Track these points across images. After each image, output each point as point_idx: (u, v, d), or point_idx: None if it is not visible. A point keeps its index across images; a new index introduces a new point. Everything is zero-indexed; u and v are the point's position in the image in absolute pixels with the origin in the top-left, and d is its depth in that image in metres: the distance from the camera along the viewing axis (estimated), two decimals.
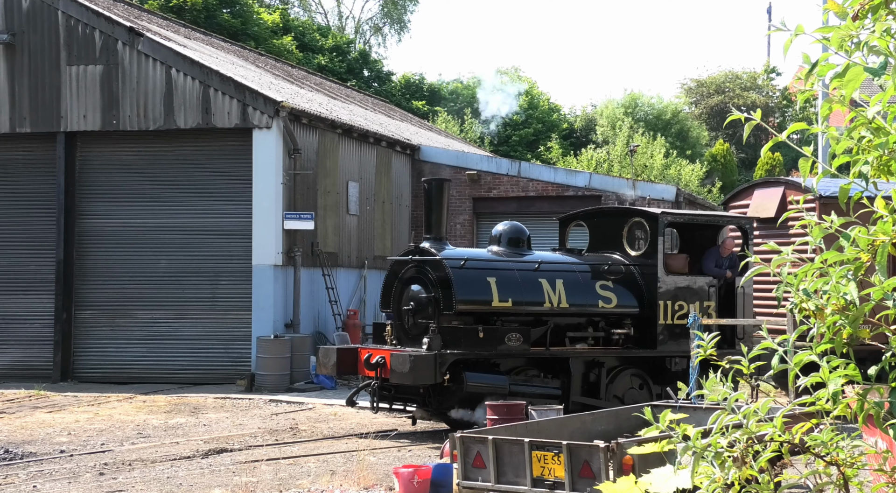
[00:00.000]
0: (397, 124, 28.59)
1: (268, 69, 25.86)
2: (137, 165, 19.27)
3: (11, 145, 19.63)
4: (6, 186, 19.62)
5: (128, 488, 9.66)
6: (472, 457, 7.83)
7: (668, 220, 13.81)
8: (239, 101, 18.39)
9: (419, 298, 12.57)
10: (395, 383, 12.10)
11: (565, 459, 7.33)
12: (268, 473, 9.82)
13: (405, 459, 10.82)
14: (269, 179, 18.25)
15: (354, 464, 9.61)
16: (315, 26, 47.14)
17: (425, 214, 13.17)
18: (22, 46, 19.20)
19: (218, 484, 9.62)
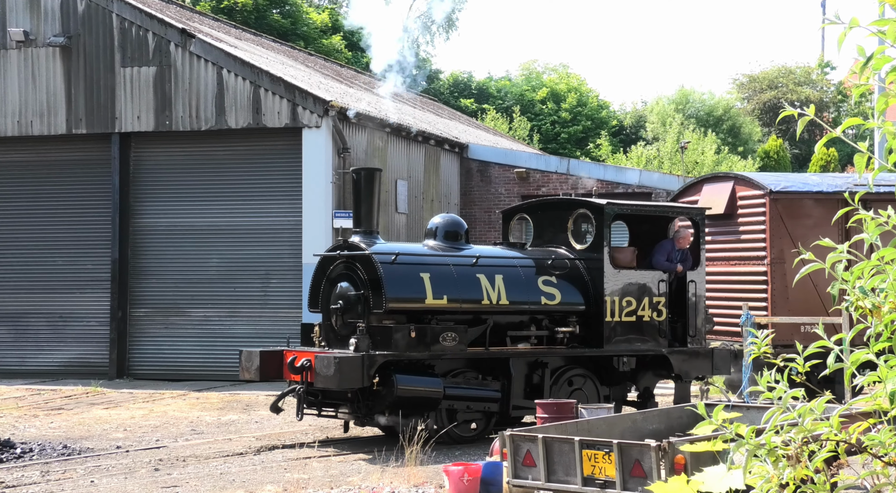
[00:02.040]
0: (445, 123, 28.62)
1: (317, 69, 26.04)
2: (190, 165, 19.51)
3: (68, 146, 19.99)
4: (63, 186, 19.98)
5: (182, 483, 9.79)
6: (521, 455, 7.81)
7: (614, 211, 13.04)
8: (289, 100, 18.54)
9: (348, 296, 11.80)
10: (319, 387, 11.42)
11: (616, 458, 7.29)
12: (318, 470, 9.89)
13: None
14: (319, 178, 18.37)
15: (405, 461, 9.64)
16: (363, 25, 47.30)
17: (354, 206, 12.34)
18: (77, 49, 19.53)
19: (270, 481, 9.71)
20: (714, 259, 14.77)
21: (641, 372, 13.14)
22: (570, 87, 48.89)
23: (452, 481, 8.79)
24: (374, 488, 9.06)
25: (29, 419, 14.21)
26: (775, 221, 14.15)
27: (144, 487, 9.62)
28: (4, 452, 11.17)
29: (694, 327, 13.28)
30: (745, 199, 14.61)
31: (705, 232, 13.68)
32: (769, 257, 14.10)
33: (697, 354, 13.24)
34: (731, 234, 14.79)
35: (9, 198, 20.16)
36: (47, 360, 19.70)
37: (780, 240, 14.13)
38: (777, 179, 14.95)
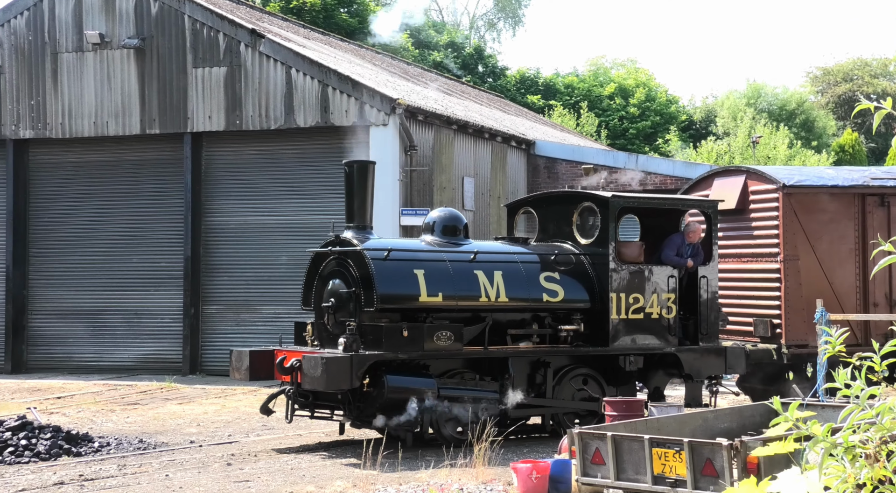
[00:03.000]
0: (512, 119, 28.54)
1: (384, 67, 26.17)
2: (259, 164, 19.76)
3: (142, 147, 20.40)
4: (138, 186, 20.39)
5: (253, 478, 9.93)
6: (590, 453, 7.76)
7: (621, 204, 12.49)
8: (356, 99, 18.67)
9: (339, 293, 11.37)
10: (307, 388, 11.01)
11: (687, 456, 7.20)
12: (387, 466, 9.94)
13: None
14: (386, 176, 18.46)
15: (473, 458, 9.64)
16: (430, 23, 47.46)
17: (346, 201, 11.78)
18: (151, 51, 19.91)
19: (340, 476, 9.79)
20: (725, 256, 14.22)
21: (651, 372, 12.67)
22: (638, 82, 48.41)
23: (521, 478, 8.77)
24: (443, 485, 9.07)
25: (106, 414, 14.54)
26: (789, 216, 13.53)
27: (217, 481, 9.77)
28: (83, 446, 11.45)
29: (706, 325, 12.75)
30: (758, 193, 13.99)
31: (717, 226, 13.17)
32: (782, 254, 13.54)
33: (709, 352, 12.74)
34: (742, 230, 14.19)
35: (86, 198, 20.64)
36: (123, 356, 20.14)
37: (793, 236, 13.57)
38: (791, 172, 14.32)
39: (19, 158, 20.79)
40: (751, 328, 13.82)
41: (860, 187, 13.89)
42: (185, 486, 9.59)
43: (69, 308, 20.52)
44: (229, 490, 9.34)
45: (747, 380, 14.64)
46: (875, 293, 13.88)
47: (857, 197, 13.92)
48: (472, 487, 9.02)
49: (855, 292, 13.76)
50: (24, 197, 20.80)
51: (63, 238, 20.65)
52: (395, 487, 9.09)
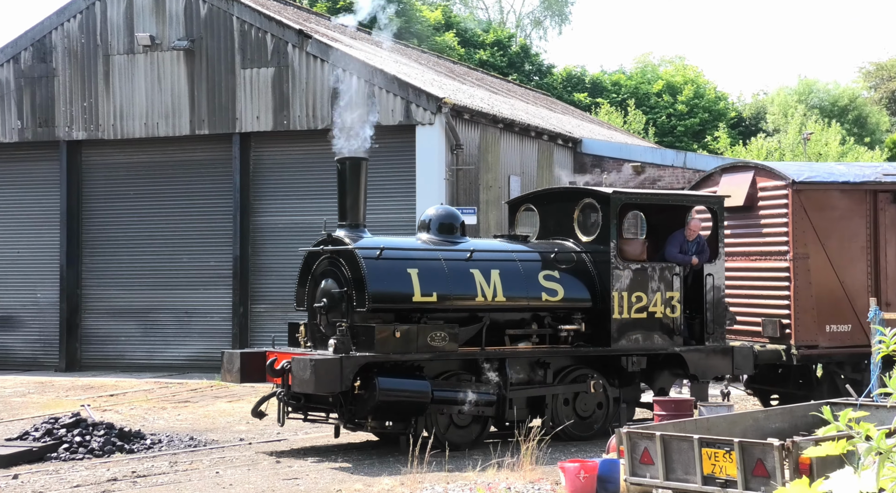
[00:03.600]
0: (559, 117, 28.44)
1: (430, 66, 26.21)
2: (306, 164, 19.90)
3: (191, 147, 20.64)
4: (187, 186, 20.63)
5: (302, 476, 10.00)
6: (639, 453, 7.71)
7: (622, 200, 12.15)
8: (402, 98, 18.71)
9: (332, 293, 11.10)
10: (296, 391, 10.74)
11: (737, 457, 7.13)
12: (434, 465, 9.95)
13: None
14: (432, 175, 18.49)
15: (520, 458, 9.62)
16: (476, 22, 47.44)
17: (339, 198, 11.50)
18: (200, 52, 20.14)
19: (387, 473, 9.83)
20: (732, 254, 13.89)
21: (657, 372, 12.36)
22: (686, 79, 47.99)
23: (569, 478, 8.73)
24: (490, 483, 9.07)
25: (157, 412, 14.74)
26: (798, 213, 13.15)
27: (267, 479, 9.85)
28: (135, 443, 11.62)
29: (712, 324, 12.40)
30: (767, 190, 13.56)
31: (724, 222, 12.86)
32: (792, 253, 13.16)
33: (716, 352, 12.39)
34: (750, 227, 13.79)
35: (137, 198, 20.93)
36: (174, 354, 20.40)
37: (803, 234, 13.18)
38: (800, 168, 13.92)
39: (72, 159, 21.14)
40: (759, 328, 13.47)
41: (872, 184, 13.52)
42: (236, 483, 9.68)
43: (121, 307, 20.82)
44: (278, 488, 9.42)
45: (756, 381, 14.20)
46: (888, 292, 13.50)
47: (869, 193, 13.51)
48: (520, 486, 9.00)
49: (866, 290, 13.36)
50: (78, 198, 21.15)
51: (115, 238, 20.96)
52: (442, 485, 9.10)
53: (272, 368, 11.02)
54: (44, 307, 21.25)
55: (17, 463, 10.72)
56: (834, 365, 13.58)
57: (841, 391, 13.39)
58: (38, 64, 21.22)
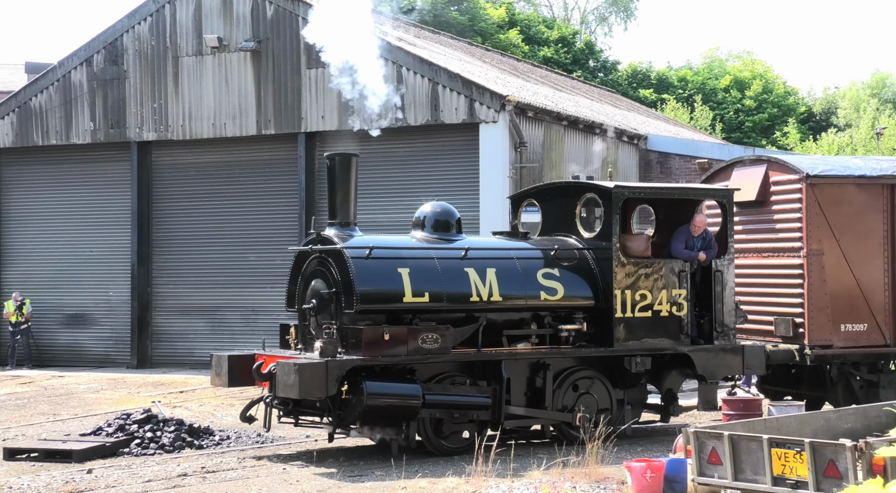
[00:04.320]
0: (624, 114, 28.20)
1: (494, 64, 26.18)
2: (371, 163, 19.98)
3: (258, 147, 20.90)
4: (254, 185, 20.90)
5: (367, 473, 10.07)
6: (706, 453, 7.61)
7: (625, 194, 11.71)
8: (466, 96, 18.72)
9: (321, 294, 10.79)
10: (281, 396, 10.41)
11: (808, 457, 7.00)
12: (499, 463, 9.93)
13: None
14: (496, 173, 18.46)
15: (586, 457, 9.56)
16: (540, 19, 47.27)
17: (329, 196, 11.14)
18: (266, 53, 20.38)
19: (453, 472, 9.84)
20: (744, 251, 13.41)
21: (664, 373, 11.92)
22: (754, 74, 47.25)
23: (635, 477, 8.65)
24: (555, 482, 9.02)
25: (226, 408, 14.95)
26: (813, 208, 12.66)
27: (332, 475, 9.93)
28: (204, 439, 11.80)
29: (720, 322, 11.94)
30: (780, 184, 13.10)
31: (733, 219, 12.43)
32: (805, 249, 12.67)
33: (725, 352, 11.94)
34: (763, 223, 13.30)
35: (204, 197, 21.26)
36: (242, 351, 20.64)
37: (817, 230, 12.69)
38: (815, 162, 13.45)
39: (143, 159, 21.55)
40: (771, 328, 12.97)
41: (889, 178, 13.02)
42: (302, 479, 9.78)
43: (190, 305, 21.17)
44: (344, 485, 9.49)
45: (768, 382, 13.70)
46: None
47: (886, 188, 12.99)
48: (585, 485, 8.94)
49: (883, 288, 12.87)
50: (148, 197, 21.55)
51: (183, 237, 21.32)
52: (507, 484, 9.08)
53: (259, 371, 10.72)
54: (116, 305, 21.70)
55: (91, 458, 10.96)
56: (849, 366, 13.06)
57: (856, 394, 12.88)
58: (110, 66, 21.67)
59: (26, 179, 22.69)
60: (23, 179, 22.73)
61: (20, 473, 10.33)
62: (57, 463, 10.67)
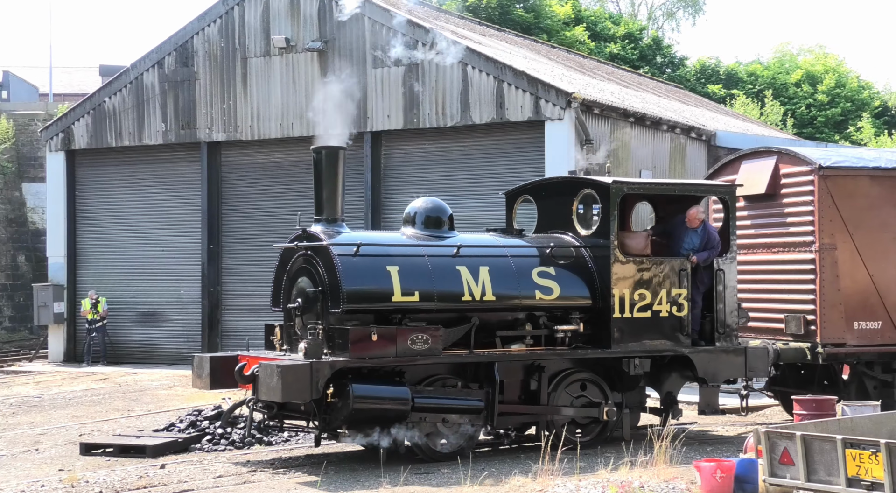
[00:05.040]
0: (692, 110, 27.85)
1: (559, 61, 26.06)
2: (436, 161, 20.06)
3: None
4: None
5: (434, 471, 10.10)
6: (778, 453, 7.49)
7: (623, 190, 11.30)
8: (531, 94, 18.66)
9: (307, 293, 10.41)
10: (263, 399, 10.08)
11: (884, 458, 6.83)
12: (565, 462, 9.88)
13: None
14: (562, 171, 18.35)
15: (654, 456, 9.47)
16: (607, 15, 46.92)
17: (315, 191, 10.75)
18: (333, 53, 20.55)
19: (520, 471, 9.82)
20: (753, 246, 12.97)
21: (663, 375, 11.53)
22: (827, 68, 46.30)
23: (704, 477, 8.54)
24: (623, 482, 8.95)
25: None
26: (825, 201, 12.20)
27: (401, 473, 9.97)
28: (273, 435, 11.94)
29: (722, 323, 11.54)
30: (790, 176, 12.63)
31: (736, 215, 11.94)
32: (817, 243, 12.22)
33: (726, 353, 11.53)
34: (772, 217, 12.81)
35: (272, 197, 21.51)
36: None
37: (829, 223, 12.22)
38: (827, 153, 12.95)
39: (212, 159, 21.90)
40: (782, 325, 12.52)
41: None
42: (372, 476, 9.83)
43: (258, 303, 21.40)
44: (412, 482, 9.52)
45: (778, 382, 13.25)
46: None
47: None
48: (654, 485, 8.86)
49: None
50: (217, 197, 21.88)
51: (252, 235, 21.60)
52: (574, 483, 9.03)
53: (241, 373, 10.36)
54: (187, 303, 22.09)
55: (164, 453, 11.18)
56: (862, 365, 12.58)
57: (870, 394, 12.40)
58: (181, 68, 22.06)
59: (100, 180, 23.22)
60: (97, 180, 23.26)
61: (96, 467, 10.58)
62: (131, 458, 10.90)
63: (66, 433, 13.08)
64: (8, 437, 12.85)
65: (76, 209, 23.34)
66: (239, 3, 21.48)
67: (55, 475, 10.18)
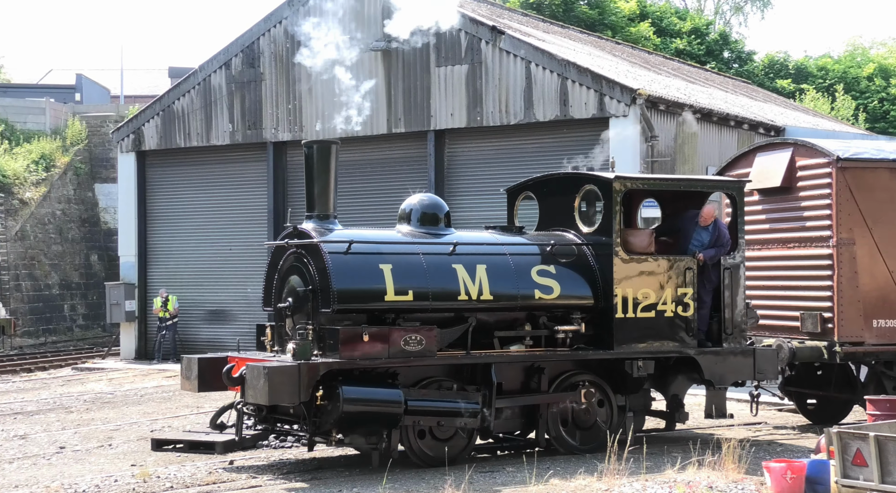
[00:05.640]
0: (760, 105, 27.40)
1: (624, 57, 25.83)
2: (499, 159, 20.03)
3: (388, 145, 21.20)
4: (384, 183, 21.20)
5: (499, 469, 10.10)
6: (851, 454, 7.33)
7: (626, 186, 10.92)
8: (596, 91, 18.53)
9: (297, 292, 10.12)
10: (250, 402, 9.78)
11: None
12: (631, 462, 9.80)
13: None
14: (627, 168, 18.18)
15: (722, 456, 9.33)
16: (672, 10, 46.39)
17: (307, 187, 10.47)
18: (397, 52, 20.65)
19: (584, 469, 9.76)
20: (768, 242, 12.54)
21: (669, 377, 11.14)
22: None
23: (774, 478, 8.40)
24: (691, 482, 8.85)
25: None
26: (843, 194, 11.74)
27: (465, 471, 9.98)
28: None
29: (730, 323, 11.13)
30: (807, 169, 12.15)
31: (746, 210, 11.51)
32: (835, 238, 11.78)
33: (734, 355, 11.11)
34: (788, 211, 12.35)
35: (336, 195, 21.63)
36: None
37: (848, 217, 11.74)
38: (845, 145, 12.42)
39: (278, 159, 22.15)
40: (797, 323, 12.07)
41: None
42: (437, 474, 9.86)
43: None
44: (476, 480, 9.52)
45: (793, 383, 12.80)
46: None
47: None
48: (722, 485, 8.74)
49: None
50: (283, 196, 22.13)
51: None
52: (640, 482, 8.95)
53: (229, 375, 10.05)
54: (253, 302, 22.32)
55: (233, 450, 11.30)
56: (882, 365, 12.09)
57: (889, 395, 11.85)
58: (248, 69, 22.35)
59: (170, 180, 23.65)
60: (166, 180, 23.70)
61: (167, 463, 10.77)
62: (201, 454, 11.06)
63: (137, 428, 13.35)
64: (82, 432, 13.16)
65: (146, 209, 23.80)
66: (304, 4, 21.70)
67: (128, 470, 10.39)
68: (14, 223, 29.47)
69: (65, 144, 32.92)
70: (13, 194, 29.97)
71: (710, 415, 11.27)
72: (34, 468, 10.86)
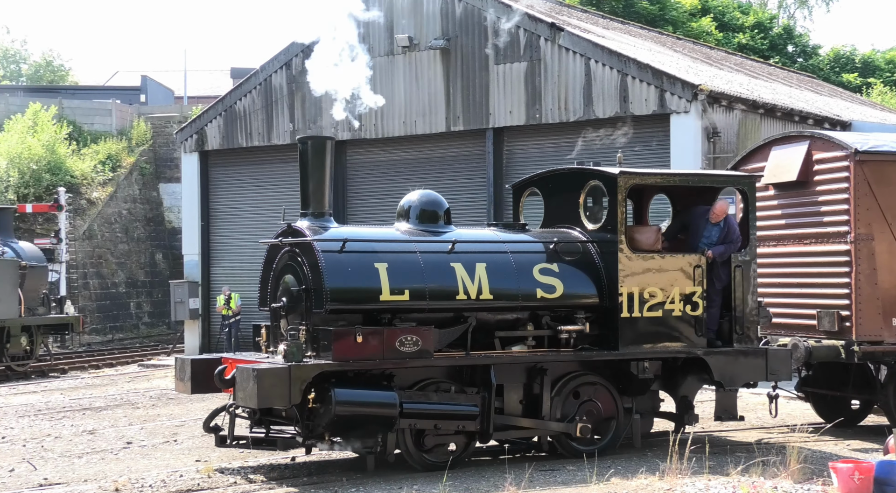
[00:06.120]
0: (825, 100, 26.90)
1: (685, 53, 25.54)
2: (559, 156, 19.89)
3: (447, 143, 21.24)
4: (443, 181, 21.19)
5: (558, 468, 10.05)
6: None
7: (631, 182, 10.56)
8: (656, 87, 18.35)
9: (291, 292, 9.88)
10: (241, 404, 9.58)
11: None
12: (694, 461, 9.69)
13: None
14: (688, 164, 18.00)
15: (787, 456, 9.19)
16: (735, 5, 45.74)
17: (301, 184, 10.28)
18: (455, 50, 20.67)
19: (645, 468, 9.68)
20: (783, 238, 12.13)
21: (678, 378, 10.82)
22: None
23: (841, 479, 8.24)
24: (755, 482, 8.72)
25: None
26: (861, 188, 11.32)
27: (517, 470, 9.96)
28: None
29: (741, 323, 10.77)
30: (824, 162, 11.74)
31: (755, 205, 11.07)
32: (853, 234, 11.36)
33: (745, 355, 10.74)
34: (804, 206, 11.94)
35: (395, 194, 21.48)
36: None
37: (867, 212, 11.29)
38: (864, 137, 11.96)
39: (338, 158, 22.27)
40: (814, 322, 11.64)
41: None
42: (497, 473, 9.85)
43: None
44: (537, 479, 9.50)
45: (810, 383, 12.44)
46: None
47: None
48: (787, 486, 8.60)
49: None
50: (343, 195, 22.29)
51: None
52: (703, 482, 8.85)
53: (221, 377, 9.83)
54: None
55: (294, 446, 11.42)
56: None
57: None
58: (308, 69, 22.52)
59: (232, 180, 23.96)
60: (229, 180, 24.01)
61: (230, 459, 10.91)
62: (263, 451, 11.18)
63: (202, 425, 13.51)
64: (149, 428, 13.39)
65: (209, 208, 24.15)
66: (364, 4, 21.80)
67: (192, 466, 10.55)
68: (82, 223, 30.11)
69: (130, 144, 33.54)
70: (81, 194, 30.61)
71: (721, 417, 11.03)
72: (102, 462, 11.08)
